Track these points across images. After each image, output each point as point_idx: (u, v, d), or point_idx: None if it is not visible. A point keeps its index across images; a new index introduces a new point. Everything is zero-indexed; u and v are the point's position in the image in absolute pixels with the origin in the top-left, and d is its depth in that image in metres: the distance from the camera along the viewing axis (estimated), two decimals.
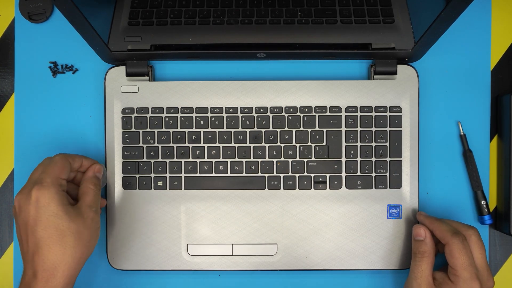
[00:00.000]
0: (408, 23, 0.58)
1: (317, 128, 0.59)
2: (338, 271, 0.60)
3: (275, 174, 0.59)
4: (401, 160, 0.59)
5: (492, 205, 0.62)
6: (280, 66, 0.61)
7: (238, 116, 0.59)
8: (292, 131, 0.59)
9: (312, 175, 0.59)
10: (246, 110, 0.59)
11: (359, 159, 0.59)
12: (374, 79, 0.60)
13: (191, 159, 0.59)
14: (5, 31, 0.62)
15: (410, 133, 0.59)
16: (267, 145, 0.59)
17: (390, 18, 0.58)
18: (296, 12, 0.57)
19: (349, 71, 0.61)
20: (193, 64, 0.61)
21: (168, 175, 0.59)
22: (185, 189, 0.59)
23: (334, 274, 0.60)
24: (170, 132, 0.59)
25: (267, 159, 0.59)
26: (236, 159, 0.59)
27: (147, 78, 0.60)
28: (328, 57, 0.60)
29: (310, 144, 0.59)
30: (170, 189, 0.59)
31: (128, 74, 0.60)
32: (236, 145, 0.59)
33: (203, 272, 0.60)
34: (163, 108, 0.59)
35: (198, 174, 0.59)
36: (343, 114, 0.59)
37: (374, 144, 0.59)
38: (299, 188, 0.59)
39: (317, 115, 0.59)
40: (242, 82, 0.59)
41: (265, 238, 0.59)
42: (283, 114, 0.59)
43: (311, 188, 0.59)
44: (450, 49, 0.61)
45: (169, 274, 0.61)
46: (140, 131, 0.59)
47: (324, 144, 0.59)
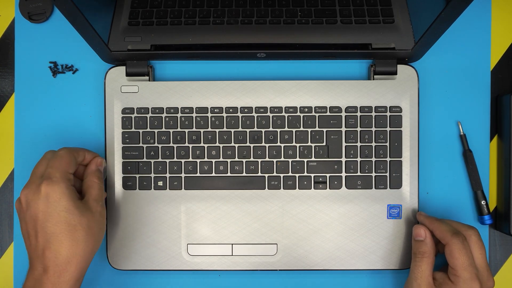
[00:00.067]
0: (408, 23, 0.58)
1: (317, 128, 0.59)
2: (338, 271, 0.60)
3: (275, 174, 0.59)
4: (401, 160, 0.59)
5: (492, 205, 0.62)
6: (280, 66, 0.61)
7: (238, 116, 0.59)
8: (292, 131, 0.59)
9: (312, 175, 0.59)
10: (246, 110, 0.59)
11: (359, 159, 0.59)
12: (374, 79, 0.60)
13: (191, 159, 0.59)
14: (5, 31, 0.62)
15: (410, 133, 0.59)
16: (267, 145, 0.59)
17: (390, 18, 0.58)
18: (296, 12, 0.57)
19: (349, 71, 0.61)
20: (193, 64, 0.61)
21: (168, 175, 0.59)
22: (185, 189, 0.59)
23: (334, 274, 0.60)
24: (170, 132, 0.59)
25: (267, 159, 0.59)
26: (236, 159, 0.59)
27: (147, 78, 0.60)
28: (328, 57, 0.60)
29: (310, 144, 0.59)
30: (170, 189, 0.59)
31: (128, 74, 0.60)
32: (236, 145, 0.59)
33: (203, 272, 0.60)
34: (163, 108, 0.59)
35: (198, 174, 0.59)
36: (343, 114, 0.59)
37: (374, 144, 0.59)
38: (299, 188, 0.59)
39: (317, 115, 0.59)
40: (242, 82, 0.59)
41: (265, 238, 0.59)
42: (283, 114, 0.59)
43: (311, 188, 0.59)
44: (450, 49, 0.61)
45: (169, 274, 0.61)
46: (140, 131, 0.59)
47: (324, 144, 0.59)
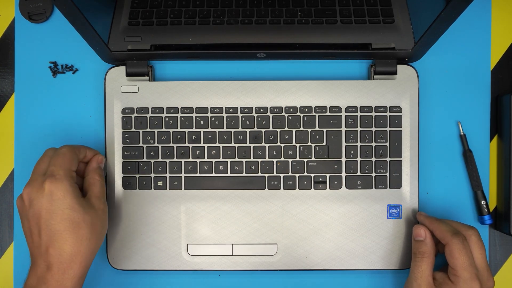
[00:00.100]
0: (408, 23, 0.57)
1: (317, 128, 0.59)
2: (338, 271, 0.60)
3: (275, 174, 0.59)
4: (401, 160, 0.59)
5: (492, 205, 0.62)
6: (280, 66, 0.61)
7: (238, 116, 0.59)
8: (292, 131, 0.59)
9: (312, 175, 0.59)
10: (246, 110, 0.59)
11: (359, 159, 0.59)
12: (374, 79, 0.60)
13: (191, 159, 0.59)
14: (5, 31, 0.62)
15: (410, 133, 0.59)
16: (267, 145, 0.59)
17: (390, 18, 0.58)
18: (296, 12, 0.57)
19: (349, 71, 0.61)
20: (193, 64, 0.61)
21: (168, 175, 0.59)
22: (185, 189, 0.59)
23: (334, 274, 0.60)
24: (170, 132, 0.59)
25: (267, 159, 0.59)
26: (236, 159, 0.59)
27: (147, 78, 0.60)
28: (328, 57, 0.60)
29: (310, 144, 0.59)
30: (170, 189, 0.59)
31: (128, 74, 0.60)
32: (236, 145, 0.59)
33: (203, 272, 0.60)
34: (163, 108, 0.59)
35: (198, 174, 0.59)
36: (343, 114, 0.59)
37: (374, 144, 0.59)
38: (299, 188, 0.59)
39: (317, 115, 0.59)
40: (242, 82, 0.59)
41: (265, 238, 0.59)
42: (283, 114, 0.59)
43: (311, 188, 0.59)
44: (450, 49, 0.61)
45: (169, 274, 0.61)
46: (140, 131, 0.59)
47: (324, 144, 0.59)
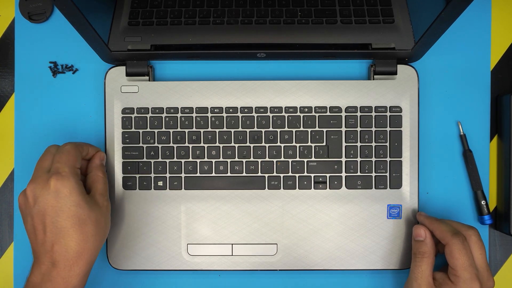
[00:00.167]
0: (408, 23, 0.57)
1: (317, 128, 0.59)
2: (338, 271, 0.60)
3: (275, 174, 0.59)
4: (401, 160, 0.59)
5: (492, 205, 0.62)
6: (280, 66, 0.61)
7: (238, 116, 0.59)
8: (292, 131, 0.59)
9: (312, 175, 0.59)
10: (246, 110, 0.59)
11: (359, 159, 0.59)
12: (374, 79, 0.60)
13: (191, 159, 0.59)
14: (5, 31, 0.62)
15: (410, 133, 0.59)
16: (267, 145, 0.59)
17: (390, 18, 0.58)
18: (296, 12, 0.57)
19: (349, 71, 0.61)
20: (193, 64, 0.61)
21: (168, 175, 0.59)
22: (185, 189, 0.59)
23: (334, 274, 0.60)
24: (170, 132, 0.59)
25: (267, 159, 0.59)
26: (236, 159, 0.59)
27: (147, 78, 0.60)
28: (328, 57, 0.60)
29: (310, 144, 0.59)
30: (170, 189, 0.59)
31: (128, 74, 0.60)
32: (236, 145, 0.59)
33: (203, 272, 0.60)
34: (163, 108, 0.59)
35: (198, 174, 0.59)
36: (343, 114, 0.59)
37: (374, 144, 0.59)
38: (299, 188, 0.59)
39: (317, 115, 0.59)
40: (242, 82, 0.59)
41: (265, 238, 0.59)
42: (283, 114, 0.59)
43: (311, 188, 0.59)
44: (450, 49, 0.61)
45: (169, 274, 0.61)
46: (140, 131, 0.59)
47: (324, 144, 0.59)
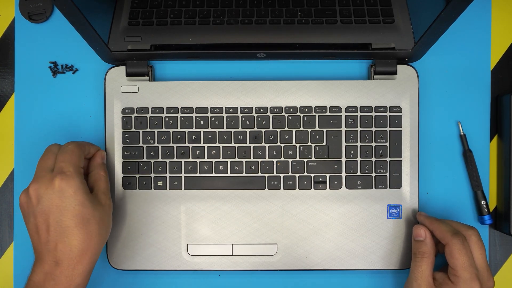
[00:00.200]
0: (408, 23, 0.57)
1: (317, 128, 0.59)
2: (338, 271, 0.60)
3: (275, 174, 0.59)
4: (401, 160, 0.59)
5: (492, 205, 0.62)
6: (280, 66, 0.61)
7: (238, 116, 0.59)
8: (292, 131, 0.59)
9: (312, 175, 0.59)
10: (246, 110, 0.59)
11: (359, 159, 0.59)
12: (374, 79, 0.60)
13: (191, 159, 0.59)
14: (5, 31, 0.62)
15: (410, 133, 0.59)
16: (267, 145, 0.59)
17: (390, 18, 0.58)
18: (296, 12, 0.57)
19: (349, 71, 0.61)
20: (193, 64, 0.61)
21: (168, 175, 0.59)
22: (185, 189, 0.59)
23: (334, 274, 0.60)
24: (170, 132, 0.59)
25: (267, 159, 0.59)
26: (236, 159, 0.59)
27: (147, 78, 0.60)
28: (328, 57, 0.60)
29: (310, 144, 0.59)
30: (170, 189, 0.59)
31: (128, 74, 0.60)
32: (236, 145, 0.59)
33: (203, 272, 0.60)
34: (163, 108, 0.59)
35: (198, 174, 0.59)
36: (343, 114, 0.59)
37: (374, 144, 0.59)
38: (299, 188, 0.59)
39: (317, 115, 0.59)
40: (242, 82, 0.59)
41: (265, 238, 0.59)
42: (283, 114, 0.59)
43: (311, 188, 0.59)
44: (450, 49, 0.61)
45: (169, 274, 0.61)
46: (140, 131, 0.59)
47: (324, 144, 0.59)
